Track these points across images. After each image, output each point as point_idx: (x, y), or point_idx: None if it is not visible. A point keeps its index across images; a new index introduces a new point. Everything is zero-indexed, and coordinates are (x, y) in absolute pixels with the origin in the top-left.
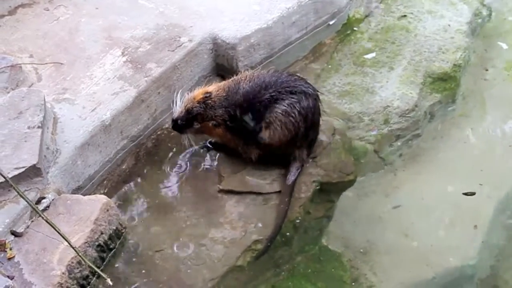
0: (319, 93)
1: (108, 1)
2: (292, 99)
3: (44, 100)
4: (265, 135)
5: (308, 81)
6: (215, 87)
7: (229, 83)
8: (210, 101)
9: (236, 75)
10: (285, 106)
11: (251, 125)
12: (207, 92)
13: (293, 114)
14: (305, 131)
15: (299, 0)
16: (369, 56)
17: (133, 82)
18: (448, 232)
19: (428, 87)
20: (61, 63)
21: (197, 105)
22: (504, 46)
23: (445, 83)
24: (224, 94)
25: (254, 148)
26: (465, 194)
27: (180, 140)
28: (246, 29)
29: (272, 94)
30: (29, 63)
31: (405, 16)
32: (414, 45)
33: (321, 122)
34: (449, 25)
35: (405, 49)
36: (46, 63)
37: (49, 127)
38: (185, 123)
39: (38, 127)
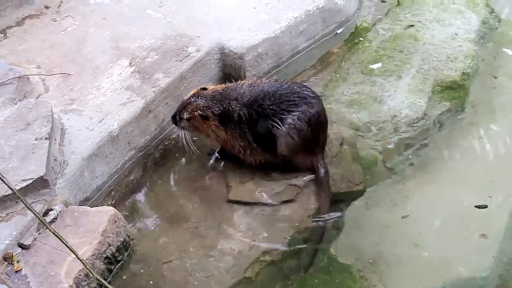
0: (320, 97)
1: (115, 11)
2: (297, 112)
3: (52, 111)
4: (279, 149)
5: (309, 88)
6: (215, 86)
7: (230, 84)
8: (203, 93)
9: None
10: (291, 120)
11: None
12: (204, 87)
13: (300, 126)
14: (316, 137)
15: (306, 9)
16: (377, 65)
17: (140, 92)
18: (459, 243)
19: (437, 95)
20: (69, 74)
21: (191, 96)
22: None
23: (454, 92)
24: (221, 90)
25: (253, 152)
26: (477, 207)
27: (187, 150)
28: (253, 39)
29: (272, 107)
30: (36, 74)
31: (413, 25)
32: (422, 54)
33: (329, 131)
34: (457, 33)
35: (413, 57)
36: (54, 74)
37: (56, 138)
38: (179, 114)
39: (46, 138)
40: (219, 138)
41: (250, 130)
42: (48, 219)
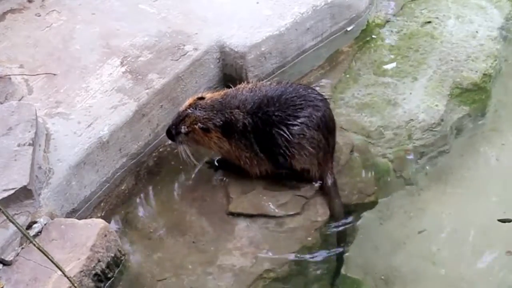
0: (327, 99)
1: (105, 6)
2: (304, 119)
3: (36, 114)
4: (295, 165)
5: (314, 89)
6: (213, 94)
7: (229, 90)
8: (201, 103)
9: None
10: (299, 128)
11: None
12: (201, 96)
13: (310, 135)
14: (325, 144)
15: (314, 4)
16: (391, 65)
17: (133, 94)
18: (479, 259)
19: (456, 99)
20: (54, 74)
21: (188, 108)
22: None
23: (474, 95)
24: (220, 98)
25: (260, 162)
26: (501, 221)
27: (184, 158)
28: (256, 36)
29: (277, 113)
30: (19, 74)
31: (429, 22)
32: (440, 53)
33: (338, 138)
34: (477, 31)
35: (430, 57)
36: (38, 74)
37: (41, 144)
38: (175, 128)
39: (29, 144)
40: (222, 150)
41: (256, 139)
42: (32, 232)
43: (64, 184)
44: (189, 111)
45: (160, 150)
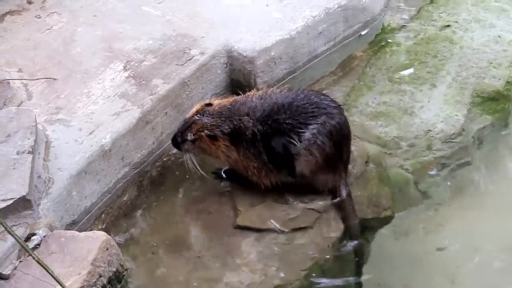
0: (342, 106)
1: (108, 7)
2: (317, 125)
3: (35, 121)
4: (298, 168)
5: (328, 96)
6: (221, 100)
7: (238, 97)
8: (209, 110)
9: None
10: (310, 135)
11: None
12: (208, 103)
13: (321, 141)
14: (339, 152)
15: (326, 7)
16: (407, 71)
17: (136, 100)
18: (502, 279)
19: (477, 108)
20: (55, 79)
21: (195, 114)
22: None
23: (497, 103)
24: (228, 105)
25: (269, 173)
26: None
27: (189, 168)
28: (265, 41)
29: (288, 121)
30: (18, 79)
31: (448, 26)
32: (460, 59)
33: (352, 148)
34: (500, 35)
35: (450, 63)
36: (38, 79)
37: (40, 152)
38: (181, 135)
39: (29, 152)
40: (230, 159)
41: (266, 148)
42: (30, 244)
43: (64, 194)
44: (196, 117)
45: (164, 159)
